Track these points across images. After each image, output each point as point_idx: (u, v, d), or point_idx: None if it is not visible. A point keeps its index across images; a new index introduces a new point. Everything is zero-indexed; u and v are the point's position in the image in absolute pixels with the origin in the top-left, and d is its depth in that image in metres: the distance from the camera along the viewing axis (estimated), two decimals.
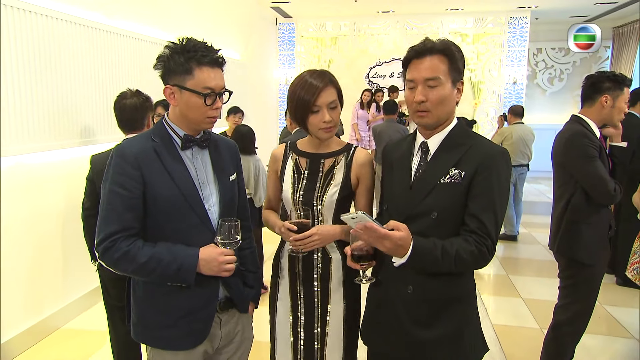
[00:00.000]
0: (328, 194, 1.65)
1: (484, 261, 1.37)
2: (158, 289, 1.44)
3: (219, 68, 1.42)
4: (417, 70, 1.40)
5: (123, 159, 1.38)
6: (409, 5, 8.11)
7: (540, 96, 9.67)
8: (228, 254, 1.42)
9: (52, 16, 3.14)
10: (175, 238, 1.41)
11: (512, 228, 5.53)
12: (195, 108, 1.39)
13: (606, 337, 3.26)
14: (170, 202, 1.39)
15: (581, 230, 2.25)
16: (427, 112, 1.40)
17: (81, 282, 3.56)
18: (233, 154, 1.62)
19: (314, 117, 1.61)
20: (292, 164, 1.73)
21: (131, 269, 1.38)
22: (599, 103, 2.26)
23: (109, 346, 2.57)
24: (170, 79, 1.39)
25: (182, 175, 1.42)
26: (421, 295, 1.42)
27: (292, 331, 1.75)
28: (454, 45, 1.43)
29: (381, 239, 1.29)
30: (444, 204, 1.38)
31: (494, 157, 1.38)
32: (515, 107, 5.75)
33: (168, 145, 1.43)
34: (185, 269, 1.37)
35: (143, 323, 1.49)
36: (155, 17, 4.50)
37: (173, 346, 1.46)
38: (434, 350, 1.42)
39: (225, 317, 1.55)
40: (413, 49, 1.43)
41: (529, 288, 4.16)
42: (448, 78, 1.39)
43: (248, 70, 7.17)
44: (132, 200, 1.36)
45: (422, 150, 1.47)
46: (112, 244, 1.35)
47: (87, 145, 3.50)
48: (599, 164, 2.19)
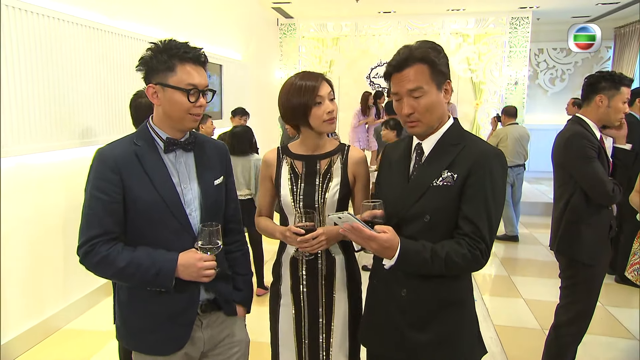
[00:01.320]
0: (329, 195, 1.65)
1: (477, 265, 1.35)
2: (139, 293, 1.44)
3: (201, 66, 1.40)
4: (399, 83, 1.38)
5: (103, 163, 1.37)
6: (411, 6, 8.11)
7: (542, 96, 9.66)
8: (207, 260, 1.40)
9: (54, 17, 3.15)
10: (155, 243, 1.40)
11: (513, 228, 5.52)
12: (178, 105, 1.37)
13: (608, 338, 3.25)
14: (150, 207, 1.38)
15: (581, 231, 2.25)
16: (417, 122, 1.39)
17: (82, 283, 3.56)
18: (222, 156, 1.58)
19: (317, 109, 1.60)
20: (287, 168, 1.71)
21: (110, 273, 1.38)
22: (594, 103, 2.26)
23: (110, 347, 2.58)
24: (152, 78, 1.38)
25: (162, 179, 1.40)
26: (415, 298, 1.41)
27: (295, 334, 1.74)
28: (433, 48, 1.39)
29: (367, 239, 1.29)
30: (437, 206, 1.37)
31: (487, 159, 1.36)
32: (508, 108, 5.75)
33: (150, 149, 1.41)
34: (163, 274, 1.36)
35: (126, 326, 1.49)
36: (156, 18, 4.50)
37: (153, 351, 1.46)
38: (429, 353, 1.41)
39: (207, 320, 1.52)
40: (391, 63, 1.40)
41: (530, 288, 4.15)
42: (432, 84, 1.36)
43: (249, 71, 7.18)
44: (112, 204, 1.35)
45: (417, 153, 1.47)
46: (91, 247, 1.34)
47: (88, 145, 3.50)
48: (597, 164, 2.19)
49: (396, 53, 1.40)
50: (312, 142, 1.70)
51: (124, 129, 3.81)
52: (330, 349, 1.71)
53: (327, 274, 1.69)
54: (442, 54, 1.40)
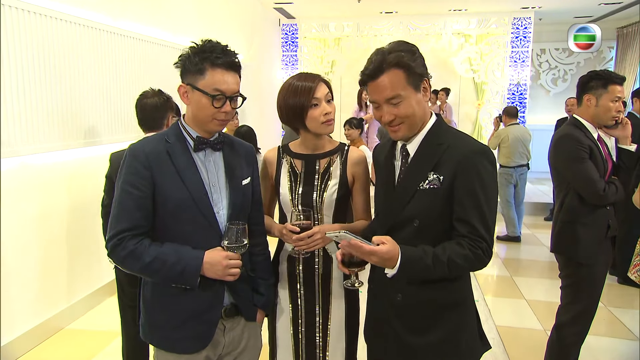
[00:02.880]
0: (327, 193, 1.66)
1: (480, 264, 1.34)
2: (164, 290, 1.44)
3: (234, 72, 1.41)
4: (376, 92, 1.36)
5: (135, 159, 1.39)
6: (412, 6, 8.10)
7: (544, 97, 9.63)
8: (233, 258, 1.40)
9: (57, 17, 3.16)
10: (182, 239, 1.41)
11: (515, 229, 5.51)
12: (203, 108, 1.39)
13: (611, 339, 3.25)
14: (179, 204, 1.39)
15: (576, 230, 2.25)
16: (400, 126, 1.38)
17: (86, 282, 3.57)
18: (249, 157, 1.59)
19: (314, 111, 1.60)
20: (287, 166, 1.71)
21: (137, 268, 1.38)
22: (584, 103, 2.27)
23: (114, 346, 2.58)
24: (184, 78, 1.41)
25: (192, 177, 1.41)
26: (411, 303, 1.41)
27: (292, 333, 1.74)
28: (406, 50, 1.35)
29: (368, 254, 1.28)
30: (425, 210, 1.36)
31: (473, 157, 1.33)
32: (510, 108, 5.75)
33: (181, 147, 1.43)
34: (189, 271, 1.37)
35: (150, 323, 1.49)
36: (159, 19, 4.51)
37: (177, 349, 1.46)
38: (427, 356, 1.41)
39: (230, 324, 1.52)
40: (364, 72, 1.37)
41: (532, 289, 4.15)
42: (409, 89, 1.34)
43: (251, 71, 7.18)
44: (142, 199, 1.37)
45: (403, 155, 1.45)
46: (120, 241, 1.36)
47: (91, 146, 3.52)
48: (587, 165, 2.19)
49: (369, 59, 1.37)
50: (311, 143, 1.70)
51: (128, 129, 3.83)
52: (327, 349, 1.72)
53: (323, 272, 1.69)
54: (417, 54, 1.37)
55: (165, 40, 4.46)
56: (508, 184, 5.50)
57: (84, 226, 3.44)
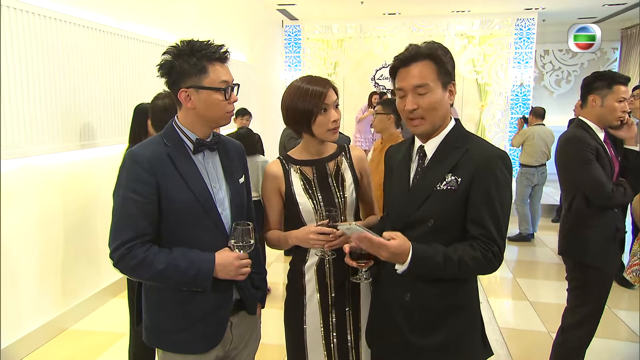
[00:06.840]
0: (348, 194, 1.65)
1: (490, 267, 1.35)
2: (172, 294, 1.44)
3: (225, 63, 1.44)
4: (405, 78, 1.38)
5: (137, 164, 1.37)
6: (415, 7, 8.10)
7: (548, 98, 9.61)
8: (243, 258, 1.41)
9: (59, 18, 3.17)
10: (189, 243, 1.41)
11: (527, 226, 5.52)
12: (215, 105, 1.39)
13: (615, 342, 3.23)
14: (185, 207, 1.39)
15: (585, 233, 2.24)
16: (421, 120, 1.38)
17: (89, 283, 3.58)
18: (240, 156, 1.61)
19: (322, 117, 1.58)
20: (297, 175, 1.67)
21: (148, 276, 1.37)
22: (589, 104, 2.25)
23: (118, 347, 2.58)
24: (183, 82, 1.38)
25: (195, 179, 1.41)
26: (419, 303, 1.40)
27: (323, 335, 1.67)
28: (441, 47, 1.39)
29: (377, 248, 1.29)
30: (441, 211, 1.36)
31: (492, 161, 1.35)
32: (537, 109, 5.77)
33: (180, 150, 1.42)
34: (202, 275, 1.37)
35: (157, 327, 1.48)
36: (161, 20, 4.52)
37: (187, 350, 1.45)
38: (432, 358, 1.41)
39: (236, 319, 1.54)
40: (398, 57, 1.40)
41: (536, 291, 4.13)
42: (437, 83, 1.36)
43: (254, 72, 7.19)
44: (147, 206, 1.36)
45: (420, 156, 1.45)
46: (127, 251, 1.34)
47: (92, 147, 3.52)
48: (594, 167, 2.17)
49: (404, 49, 1.40)
50: (315, 148, 1.69)
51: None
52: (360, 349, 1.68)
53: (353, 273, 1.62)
54: (449, 55, 1.41)
55: (168, 42, 4.45)
56: (529, 184, 5.50)
57: (88, 227, 3.46)
